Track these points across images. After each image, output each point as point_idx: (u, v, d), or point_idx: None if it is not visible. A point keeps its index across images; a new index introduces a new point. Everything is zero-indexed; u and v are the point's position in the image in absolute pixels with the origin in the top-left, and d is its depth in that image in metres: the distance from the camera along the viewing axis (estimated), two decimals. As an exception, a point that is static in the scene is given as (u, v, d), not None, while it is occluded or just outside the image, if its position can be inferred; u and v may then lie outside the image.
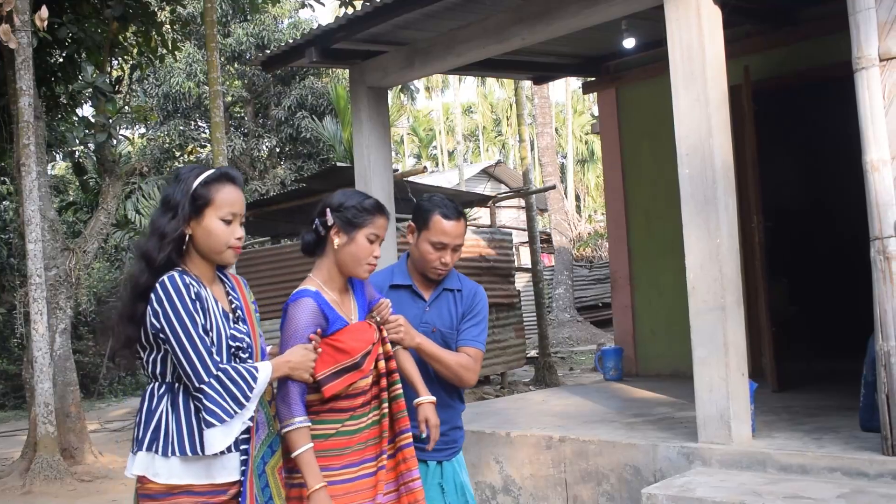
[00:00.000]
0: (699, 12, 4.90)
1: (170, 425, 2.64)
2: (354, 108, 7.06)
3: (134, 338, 2.68)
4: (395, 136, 49.40)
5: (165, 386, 2.67)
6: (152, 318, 2.61)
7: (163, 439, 2.62)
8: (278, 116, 20.71)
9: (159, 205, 2.76)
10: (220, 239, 2.75)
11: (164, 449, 2.61)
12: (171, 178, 2.83)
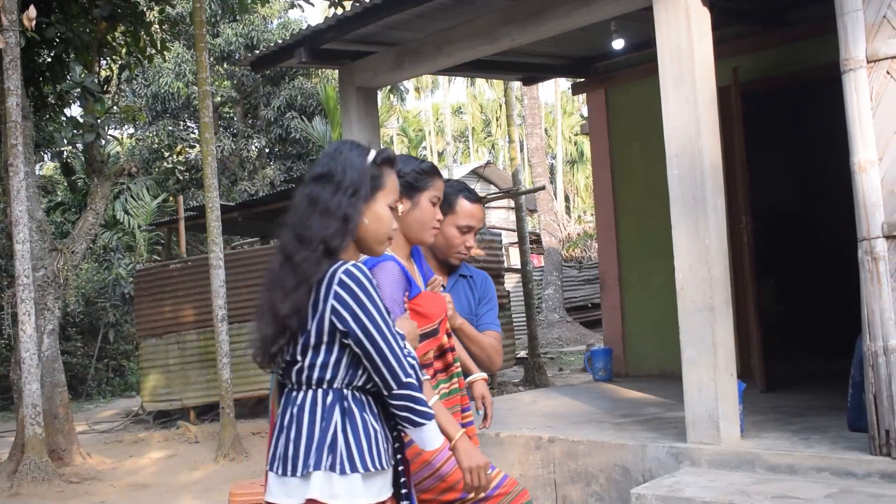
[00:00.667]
0: (688, 13, 4.91)
1: (348, 438, 2.34)
2: (344, 108, 7.05)
3: (297, 335, 2.36)
4: (385, 136, 49.36)
5: (333, 393, 2.37)
6: (345, 315, 2.31)
7: (342, 455, 2.32)
8: (268, 117, 20.68)
9: (325, 182, 2.44)
10: (387, 227, 2.51)
11: (343, 466, 2.31)
12: (329, 152, 2.53)
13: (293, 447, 2.35)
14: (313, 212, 2.40)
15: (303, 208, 2.42)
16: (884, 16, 4.29)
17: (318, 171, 2.47)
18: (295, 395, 2.40)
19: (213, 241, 10.00)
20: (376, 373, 2.34)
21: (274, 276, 2.40)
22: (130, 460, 9.99)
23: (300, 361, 2.37)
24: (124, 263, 18.10)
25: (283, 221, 2.47)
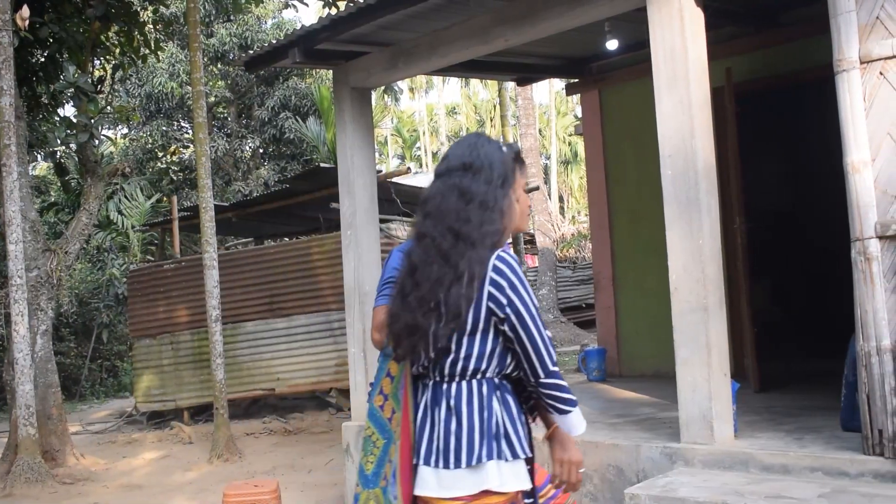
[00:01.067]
0: (682, 14, 4.91)
1: (506, 427, 2.39)
2: (338, 108, 7.04)
3: (455, 327, 2.35)
4: (379, 136, 49.33)
5: (487, 383, 2.40)
6: (502, 300, 2.35)
7: (506, 443, 2.38)
8: (262, 117, 20.66)
9: (474, 175, 2.45)
10: (520, 218, 2.58)
11: (507, 454, 2.37)
12: (469, 144, 2.53)
13: (455, 439, 2.36)
14: (469, 205, 2.41)
15: (454, 201, 2.42)
16: (877, 17, 4.30)
17: (460, 162, 2.48)
18: (447, 388, 2.41)
19: (207, 241, 9.99)
20: (526, 360, 2.39)
21: (430, 271, 2.38)
22: (124, 461, 9.97)
23: (454, 352, 2.38)
24: (118, 264, 18.06)
25: (424, 211, 2.46)
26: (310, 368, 11.14)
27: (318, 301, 11.16)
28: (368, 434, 2.61)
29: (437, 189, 2.48)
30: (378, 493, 2.53)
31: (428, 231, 2.43)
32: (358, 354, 6.79)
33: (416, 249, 2.45)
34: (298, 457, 9.40)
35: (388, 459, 2.51)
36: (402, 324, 2.41)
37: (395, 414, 2.54)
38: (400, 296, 2.46)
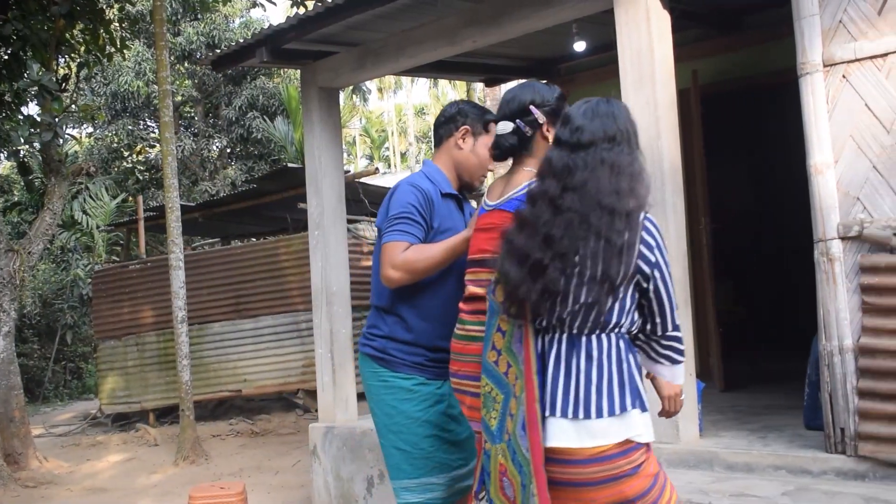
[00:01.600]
0: (648, 16, 4.95)
1: (635, 378, 2.49)
2: (305, 108, 7.02)
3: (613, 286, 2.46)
4: (348, 136, 49.20)
5: (623, 337, 2.52)
6: (651, 259, 2.51)
7: (642, 395, 2.49)
8: (229, 116, 20.51)
9: (622, 147, 2.54)
10: None
11: (645, 405, 2.48)
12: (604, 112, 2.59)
13: (597, 390, 2.43)
14: (620, 179, 2.49)
15: (605, 176, 2.48)
16: (840, 20, 4.36)
17: (604, 134, 2.54)
18: (587, 340, 2.48)
19: (173, 241, 9.91)
20: (661, 315, 2.55)
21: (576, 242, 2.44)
22: (88, 464, 9.87)
23: (597, 308, 2.46)
24: (82, 264, 17.86)
25: (565, 184, 2.50)
26: (277, 369, 11.09)
27: (285, 302, 11.11)
28: (487, 390, 2.66)
29: (582, 163, 2.51)
30: (503, 447, 2.56)
31: (573, 206, 2.47)
32: (325, 355, 6.77)
33: (551, 218, 2.48)
34: (265, 458, 9.35)
35: (509, 413, 2.54)
36: (540, 288, 2.45)
37: (510, 368, 2.57)
38: (520, 260, 2.49)
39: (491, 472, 2.61)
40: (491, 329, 2.67)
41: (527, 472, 2.44)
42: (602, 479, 2.44)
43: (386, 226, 3.32)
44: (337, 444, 6.58)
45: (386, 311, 3.43)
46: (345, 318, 6.84)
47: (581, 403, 2.44)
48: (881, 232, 4.14)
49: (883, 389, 4.12)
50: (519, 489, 2.49)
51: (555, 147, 2.61)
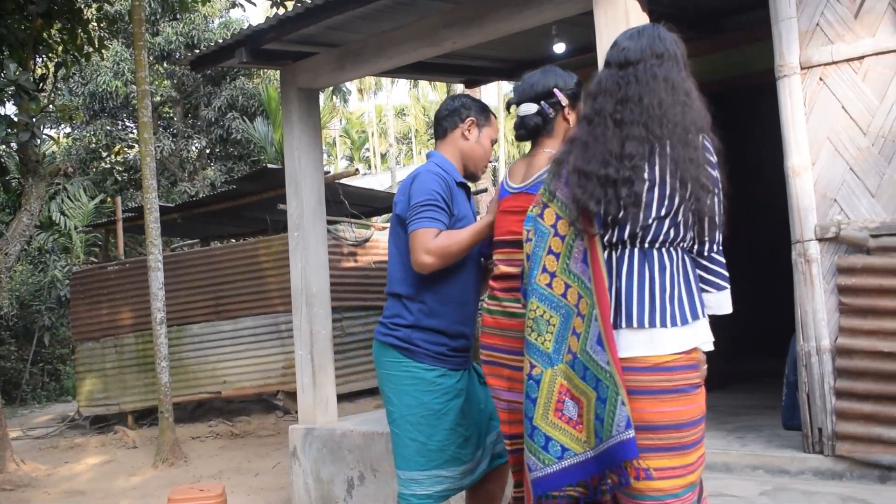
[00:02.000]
0: (627, 18, 4.96)
1: (699, 290, 2.64)
2: (285, 109, 7.00)
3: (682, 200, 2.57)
4: (328, 137, 49.13)
5: (685, 252, 2.63)
6: (713, 179, 2.63)
7: (702, 305, 2.62)
8: (208, 117, 20.43)
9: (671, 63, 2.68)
10: None
11: (704, 314, 2.62)
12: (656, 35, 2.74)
13: (670, 300, 2.56)
14: (675, 93, 2.60)
15: (661, 89, 2.59)
16: (817, 23, 4.39)
17: (652, 52, 2.66)
18: (658, 254, 2.58)
19: (152, 242, 9.86)
20: (710, 232, 2.62)
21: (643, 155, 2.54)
22: (66, 466, 9.80)
23: (668, 222, 2.56)
24: (60, 265, 17.74)
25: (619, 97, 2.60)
26: (256, 371, 11.05)
27: (265, 303, 11.08)
28: (539, 314, 2.67)
29: (633, 78, 2.61)
30: (564, 368, 2.62)
31: (633, 119, 2.56)
32: (305, 356, 6.75)
33: (613, 133, 2.57)
34: (245, 460, 9.32)
35: (572, 332, 2.60)
36: (615, 202, 2.54)
37: (569, 289, 2.63)
38: (591, 178, 2.57)
39: (540, 397, 2.63)
40: (541, 251, 2.70)
41: (610, 384, 2.48)
42: (664, 389, 2.51)
43: (412, 213, 3.40)
44: (317, 445, 6.57)
45: (409, 299, 3.50)
46: (325, 320, 6.83)
47: (657, 313, 2.54)
48: (858, 233, 4.18)
49: (860, 389, 4.16)
50: (593, 404, 2.53)
51: (604, 69, 2.72)
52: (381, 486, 6.11)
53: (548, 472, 2.61)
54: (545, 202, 2.74)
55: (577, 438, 2.58)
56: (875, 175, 4.21)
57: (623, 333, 2.54)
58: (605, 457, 2.51)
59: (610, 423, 2.47)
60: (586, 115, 2.67)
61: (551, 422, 2.61)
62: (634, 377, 2.51)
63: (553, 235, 2.69)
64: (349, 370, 10.84)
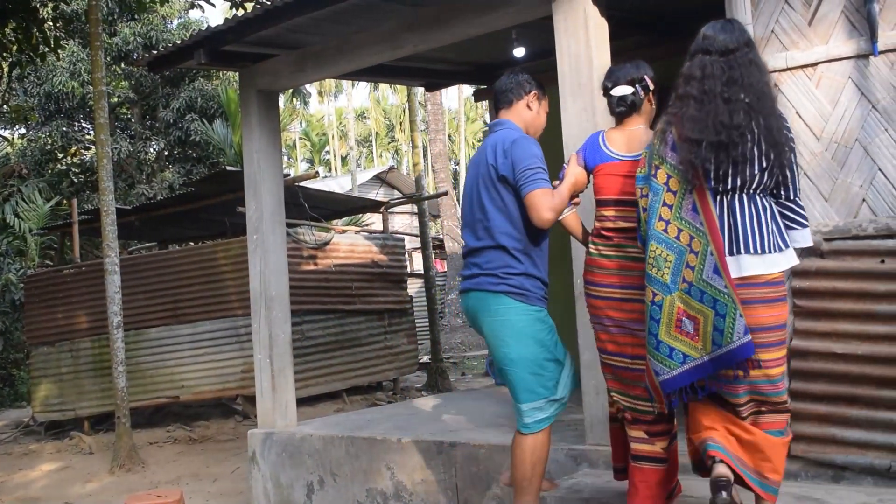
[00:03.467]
0: (587, 23, 5.01)
1: (781, 225, 3.40)
2: (244, 111, 6.96)
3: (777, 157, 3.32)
4: (288, 140, 48.90)
5: (771, 198, 3.40)
6: (792, 139, 3.40)
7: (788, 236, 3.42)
8: (166, 119, 20.22)
9: (755, 51, 3.46)
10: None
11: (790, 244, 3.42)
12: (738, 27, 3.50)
13: (774, 232, 3.35)
14: (764, 75, 3.40)
15: (756, 73, 3.35)
16: (772, 30, 4.46)
17: (745, 40, 3.42)
18: (761, 198, 3.36)
19: (109, 245, 9.75)
20: (792, 183, 3.40)
21: (754, 126, 3.28)
22: (20, 473, 9.66)
23: (768, 174, 3.32)
24: (15, 269, 17.42)
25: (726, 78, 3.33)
26: (215, 375, 10.96)
27: (223, 306, 10.98)
28: (658, 253, 3.38)
29: (736, 63, 3.35)
30: (680, 294, 3.34)
31: (738, 96, 3.29)
32: (264, 360, 6.71)
33: (724, 108, 3.28)
34: (203, 465, 9.24)
35: (686, 266, 3.32)
36: (731, 159, 3.28)
37: (681, 232, 3.35)
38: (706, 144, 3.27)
39: (662, 319, 3.37)
40: (657, 204, 3.40)
41: (728, 302, 3.22)
42: (773, 298, 3.34)
43: (527, 175, 3.98)
44: (276, 450, 6.53)
45: (517, 251, 4.05)
46: (284, 323, 6.80)
47: (765, 242, 3.32)
48: (812, 237, 4.24)
49: (814, 391, 4.22)
50: (710, 319, 3.26)
51: (702, 56, 3.41)
52: (341, 491, 6.10)
53: (674, 374, 3.37)
54: (657, 164, 3.43)
55: (695, 347, 3.33)
56: (828, 179, 4.28)
57: (743, 258, 3.30)
58: (726, 357, 3.26)
59: (730, 332, 3.22)
60: (694, 95, 3.35)
61: (673, 335, 3.36)
62: (753, 290, 3.30)
63: (666, 191, 3.40)
64: (309, 374, 10.79)
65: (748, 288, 3.29)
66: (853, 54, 4.24)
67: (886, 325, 4.07)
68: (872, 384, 4.09)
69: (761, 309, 3.30)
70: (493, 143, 4.11)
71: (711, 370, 3.31)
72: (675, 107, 3.43)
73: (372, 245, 12.28)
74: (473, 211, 4.18)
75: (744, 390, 3.35)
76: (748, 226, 3.32)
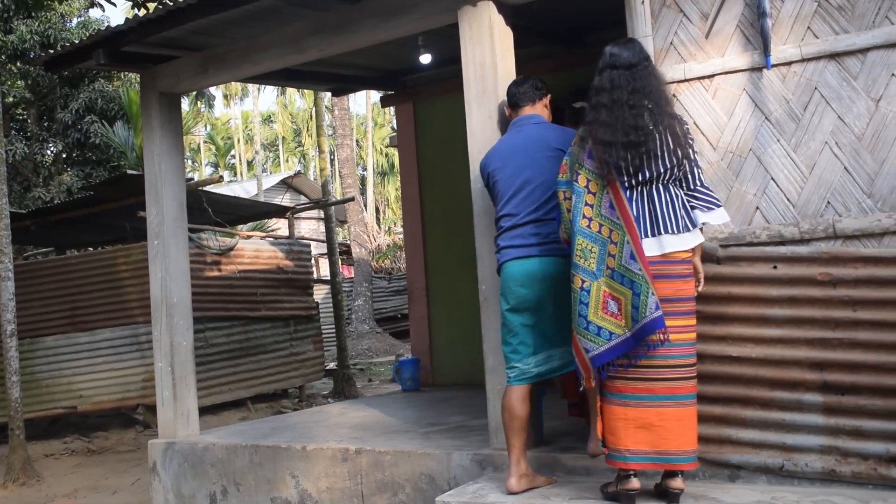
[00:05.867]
0: (492, 31, 5.06)
1: (688, 209, 3.98)
2: (145, 114, 6.82)
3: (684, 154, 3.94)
4: (192, 144, 48.05)
5: (680, 188, 3.99)
6: (691, 141, 4.03)
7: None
8: (65, 120, 19.63)
9: (654, 65, 4.16)
10: None
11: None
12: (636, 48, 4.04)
13: (680, 217, 3.90)
14: (661, 85, 4.01)
15: (655, 84, 3.94)
16: (671, 42, 4.58)
17: (643, 56, 3.99)
18: (674, 188, 3.93)
19: (2, 251, 9.41)
20: (694, 171, 3.96)
21: (653, 129, 3.85)
22: None
23: (677, 168, 3.90)
24: None
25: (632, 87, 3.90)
26: (115, 384, 10.67)
27: (124, 314, 10.71)
28: (584, 246, 3.90)
29: (638, 75, 3.90)
30: (605, 280, 3.86)
31: (642, 103, 3.86)
32: (165, 369, 6.58)
33: (630, 114, 3.85)
34: (102, 477, 9.00)
35: (608, 255, 3.86)
36: (642, 154, 3.83)
37: (602, 227, 3.89)
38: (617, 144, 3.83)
39: (590, 302, 3.88)
40: (580, 205, 3.93)
41: (642, 283, 3.76)
42: (686, 273, 3.93)
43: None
44: (178, 460, 6.40)
45: (550, 221, 4.45)
46: (186, 331, 6.67)
47: (680, 223, 3.89)
48: (708, 244, 4.36)
49: (710, 392, 4.33)
50: (629, 299, 3.80)
51: (610, 70, 3.95)
52: (245, 500, 6.01)
53: (602, 349, 3.87)
54: (577, 170, 3.97)
55: (619, 325, 3.85)
56: (724, 188, 4.41)
57: (664, 238, 3.86)
58: (642, 331, 3.77)
59: (644, 308, 3.75)
60: (605, 104, 3.89)
61: (601, 316, 3.87)
62: (673, 267, 3.88)
63: (587, 193, 3.94)
64: (213, 382, 10.61)
65: (670, 265, 3.87)
66: (748, 67, 4.39)
67: (779, 328, 4.21)
68: (766, 386, 4.23)
69: (679, 283, 3.90)
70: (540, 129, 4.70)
71: (633, 344, 3.82)
72: (590, 116, 3.94)
73: (277, 251, 12.14)
74: (532, 188, 4.53)
75: (661, 354, 3.85)
76: (667, 210, 3.88)
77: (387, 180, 49.56)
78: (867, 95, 4.11)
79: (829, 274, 4.11)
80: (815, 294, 4.14)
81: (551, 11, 6.53)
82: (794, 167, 4.26)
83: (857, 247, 4.09)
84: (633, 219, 3.84)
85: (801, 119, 4.25)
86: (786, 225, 4.24)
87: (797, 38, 4.28)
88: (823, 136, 4.20)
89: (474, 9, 5.12)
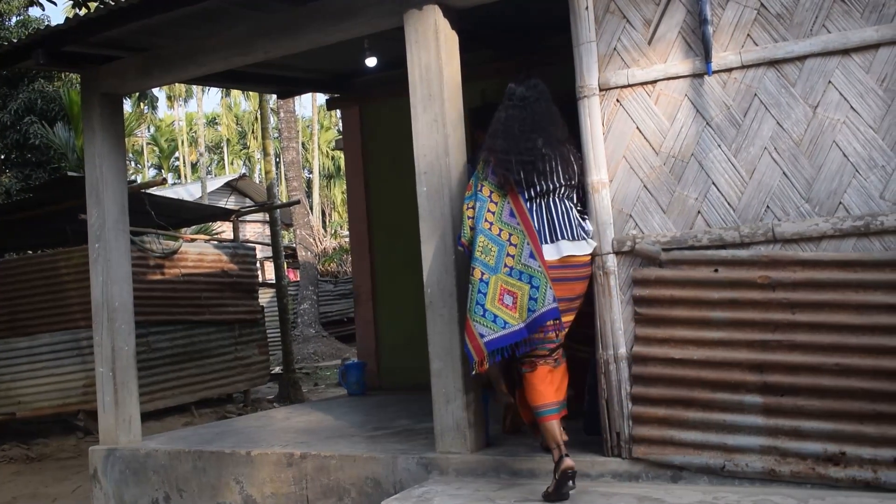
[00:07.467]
0: (437, 36, 5.07)
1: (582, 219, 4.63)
2: (86, 115, 6.70)
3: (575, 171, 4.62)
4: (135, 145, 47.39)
5: (573, 201, 4.65)
6: (581, 164, 4.67)
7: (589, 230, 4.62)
8: (3, 121, 19.23)
9: (549, 99, 4.64)
10: None
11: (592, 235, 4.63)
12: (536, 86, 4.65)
13: (577, 225, 4.49)
14: (555, 117, 4.53)
15: (550, 116, 4.52)
16: (614, 48, 4.63)
17: (539, 92, 4.56)
18: (567, 201, 4.50)
19: (-63, 254, 9.19)
20: (582, 189, 4.60)
21: (547, 148, 4.45)
22: None
23: (567, 183, 4.48)
24: None
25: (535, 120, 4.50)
26: (55, 390, 10.46)
27: (64, 318, 10.51)
28: (485, 244, 4.35)
29: (538, 108, 4.50)
30: (502, 276, 4.29)
31: (536, 129, 4.45)
32: (107, 374, 6.47)
33: (525, 141, 4.42)
34: (42, 485, 8.82)
35: (507, 255, 4.30)
36: (536, 172, 4.41)
37: (502, 231, 4.36)
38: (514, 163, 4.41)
39: (488, 293, 4.28)
40: (483, 211, 4.42)
41: (541, 278, 4.21)
42: (584, 276, 4.49)
43: None
44: (119, 466, 6.30)
45: None
46: (128, 335, 6.58)
47: (576, 231, 4.45)
48: (651, 247, 4.43)
49: (653, 394, 4.40)
50: (527, 292, 4.24)
51: (507, 102, 4.56)
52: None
53: (496, 336, 4.27)
54: (482, 184, 4.48)
55: (513, 317, 4.26)
56: (666, 192, 4.47)
57: (561, 243, 4.38)
58: (539, 319, 4.21)
59: (542, 300, 4.20)
60: (501, 131, 4.48)
61: (497, 307, 4.27)
62: (572, 270, 4.42)
63: (490, 202, 4.43)
64: (156, 387, 10.46)
65: (568, 268, 4.40)
66: (689, 73, 4.46)
67: (720, 331, 4.29)
68: (707, 387, 4.29)
69: (577, 285, 4.47)
70: None
71: (526, 334, 4.24)
72: (490, 141, 4.52)
73: (222, 254, 12.02)
74: None
75: (551, 339, 4.36)
76: (563, 220, 4.43)
77: (333, 183, 49.37)
78: (805, 102, 4.21)
79: (768, 277, 4.19)
80: (756, 297, 4.22)
81: (498, 17, 6.56)
82: (734, 172, 4.33)
83: (796, 250, 4.18)
84: (532, 224, 4.34)
85: (742, 125, 4.33)
86: (726, 229, 4.31)
87: (737, 45, 4.36)
88: (763, 142, 4.28)
89: (420, 13, 5.13)
